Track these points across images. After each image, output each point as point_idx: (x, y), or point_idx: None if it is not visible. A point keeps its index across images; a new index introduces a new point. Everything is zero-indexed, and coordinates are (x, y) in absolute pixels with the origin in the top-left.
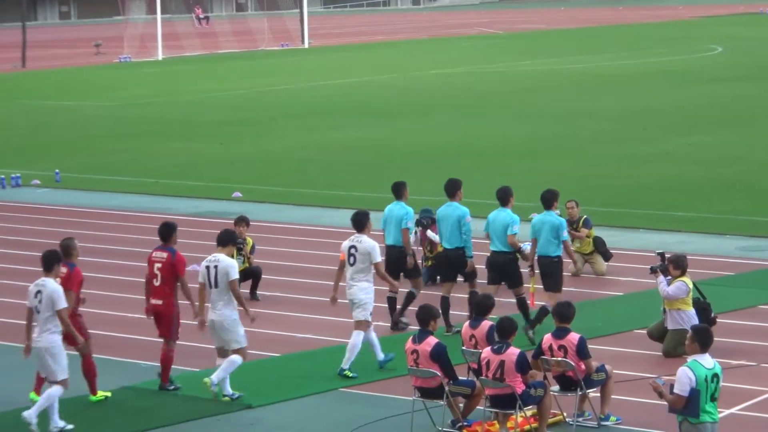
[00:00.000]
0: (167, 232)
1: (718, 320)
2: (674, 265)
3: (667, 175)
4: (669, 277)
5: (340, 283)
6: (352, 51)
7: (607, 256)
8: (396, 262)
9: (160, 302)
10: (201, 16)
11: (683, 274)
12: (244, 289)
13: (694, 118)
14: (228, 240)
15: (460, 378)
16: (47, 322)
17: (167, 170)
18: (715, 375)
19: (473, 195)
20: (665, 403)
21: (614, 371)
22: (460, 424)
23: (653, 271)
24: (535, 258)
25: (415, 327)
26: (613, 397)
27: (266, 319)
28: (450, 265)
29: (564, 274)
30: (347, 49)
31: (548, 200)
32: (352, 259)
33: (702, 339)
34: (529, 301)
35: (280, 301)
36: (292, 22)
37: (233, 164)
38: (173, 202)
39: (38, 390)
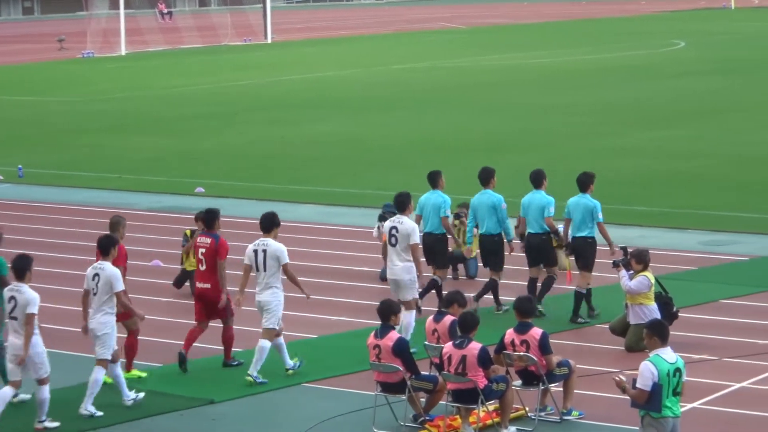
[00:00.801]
0: (211, 218)
1: (680, 315)
2: (636, 259)
3: (629, 170)
4: (631, 272)
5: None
6: (315, 46)
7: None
8: (431, 249)
9: (207, 286)
10: (164, 11)
11: (645, 268)
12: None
13: (656, 113)
14: (272, 224)
15: (422, 373)
16: (103, 304)
17: (130, 165)
18: (678, 369)
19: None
20: (628, 397)
21: (577, 366)
22: (422, 418)
23: (615, 265)
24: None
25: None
26: (575, 391)
27: (243, 315)
28: (489, 252)
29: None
30: (310, 44)
31: (584, 183)
32: (393, 239)
33: (659, 332)
34: (566, 280)
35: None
36: (255, 18)
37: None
38: (136, 198)
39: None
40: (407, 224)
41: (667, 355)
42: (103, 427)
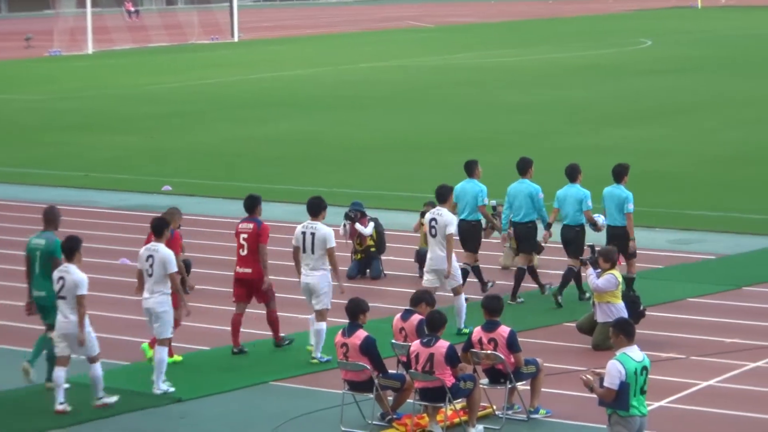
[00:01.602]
0: (252, 204)
1: (647, 313)
2: (604, 258)
3: (597, 169)
4: (599, 270)
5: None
6: (283, 44)
7: (538, 249)
8: (466, 235)
9: (249, 270)
10: (131, 9)
11: (613, 266)
12: None
13: (624, 112)
14: (319, 208)
15: (389, 371)
16: (157, 284)
17: (97, 163)
18: (645, 368)
19: (406, 188)
20: (595, 396)
21: (544, 364)
22: (389, 417)
23: (583, 263)
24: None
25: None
26: (542, 390)
27: (196, 312)
28: (523, 239)
29: (494, 267)
30: (277, 42)
31: (619, 174)
32: (433, 230)
33: (626, 330)
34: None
35: (210, 294)
36: (222, 16)
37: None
38: (102, 196)
39: (153, 344)
40: (446, 216)
41: (634, 353)
42: (71, 425)
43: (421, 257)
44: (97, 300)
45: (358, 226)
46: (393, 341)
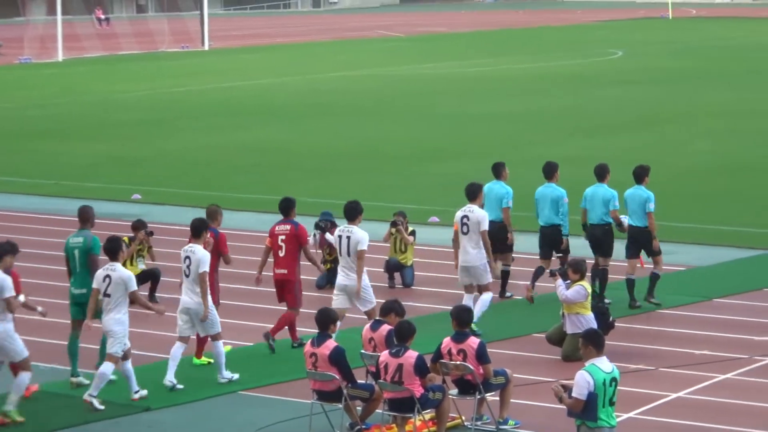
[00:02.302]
0: (288, 206)
1: (616, 324)
2: (573, 269)
3: (568, 179)
4: (568, 281)
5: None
6: (253, 53)
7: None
8: (492, 237)
9: (284, 271)
10: (101, 17)
11: (582, 278)
12: (143, 291)
13: (594, 122)
14: (356, 212)
15: (358, 381)
16: (195, 285)
17: (67, 172)
18: (614, 379)
19: (376, 197)
20: (564, 407)
21: (513, 375)
22: (358, 427)
23: (553, 274)
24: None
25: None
26: (512, 400)
27: (164, 321)
28: (547, 242)
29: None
30: (248, 51)
31: (639, 175)
32: (465, 228)
33: (595, 341)
34: (639, 264)
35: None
36: (192, 24)
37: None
38: (72, 204)
39: (199, 353)
40: (477, 212)
41: (603, 364)
42: None
43: (390, 267)
44: (63, 308)
45: (328, 236)
46: (362, 351)
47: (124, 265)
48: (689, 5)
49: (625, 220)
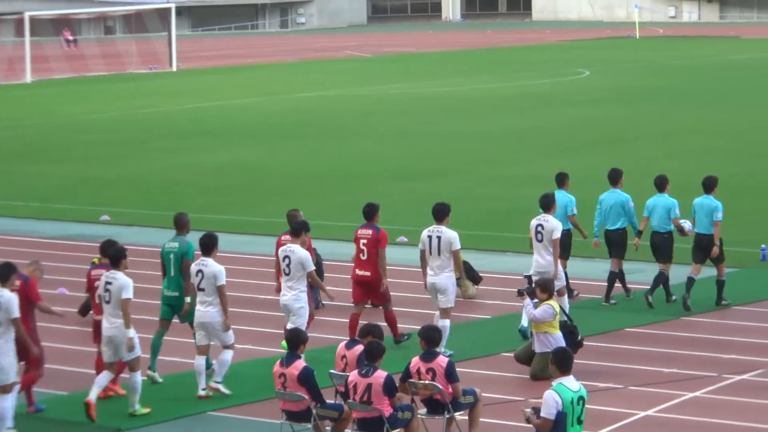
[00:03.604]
0: (371, 211)
1: (585, 343)
2: (541, 288)
3: (534, 197)
4: (536, 301)
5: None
6: (221, 74)
7: (476, 279)
8: (561, 245)
9: (368, 273)
10: (69, 39)
11: (550, 297)
12: None
13: (562, 141)
14: (444, 213)
15: (327, 401)
16: (296, 283)
17: (36, 193)
18: (581, 398)
19: (344, 218)
20: (532, 426)
21: (482, 394)
22: None
23: (520, 294)
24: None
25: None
26: (480, 420)
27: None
28: (615, 244)
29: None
30: (216, 71)
31: (708, 186)
32: (539, 236)
33: (559, 362)
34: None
35: (149, 324)
36: (160, 45)
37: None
38: (41, 226)
39: None
40: (552, 222)
41: (571, 383)
42: None
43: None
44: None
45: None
46: (331, 371)
47: None
48: (656, 24)
49: (685, 224)
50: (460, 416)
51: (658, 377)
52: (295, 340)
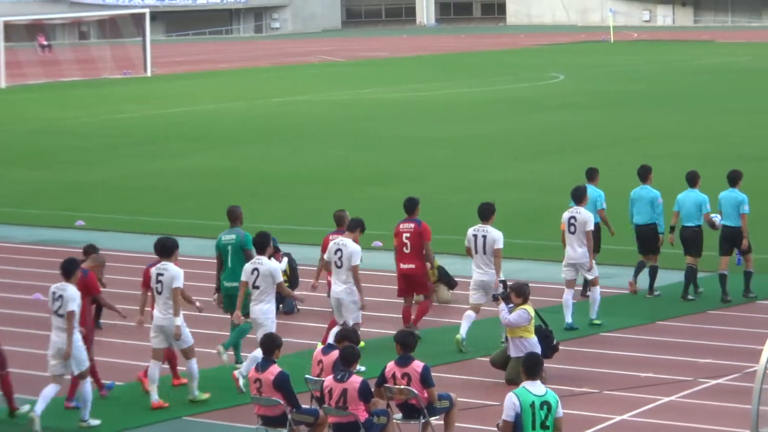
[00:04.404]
0: (412, 205)
1: (560, 347)
2: (516, 293)
3: (512, 203)
4: (511, 305)
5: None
6: (196, 79)
7: (451, 284)
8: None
9: (412, 266)
10: (44, 44)
11: (525, 302)
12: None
13: (537, 146)
14: (490, 212)
15: (303, 406)
16: (347, 275)
17: (10, 198)
18: (545, 403)
19: (318, 222)
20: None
21: (458, 399)
22: None
23: (495, 298)
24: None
25: None
26: (456, 424)
27: (109, 347)
28: (645, 239)
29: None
30: (191, 77)
31: (733, 179)
32: (572, 228)
33: (527, 366)
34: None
35: (123, 330)
36: (134, 50)
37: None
38: (15, 231)
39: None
40: (584, 214)
41: (535, 387)
42: None
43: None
44: (10, 335)
45: (273, 261)
46: (306, 376)
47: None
48: (630, 29)
49: (716, 218)
50: (436, 421)
51: (633, 382)
52: (270, 345)
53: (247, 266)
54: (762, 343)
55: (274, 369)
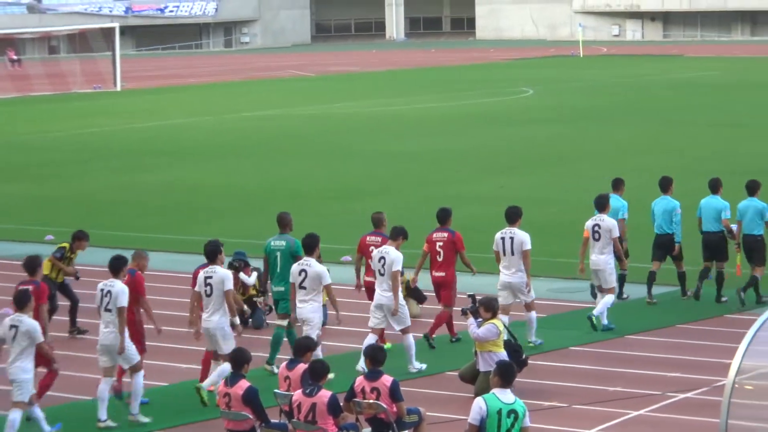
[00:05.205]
0: (445, 215)
1: (529, 362)
2: (485, 307)
3: (481, 217)
4: (480, 320)
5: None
6: (165, 93)
7: (420, 299)
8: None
9: (443, 274)
10: (14, 58)
11: (494, 316)
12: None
13: (506, 160)
14: (517, 216)
15: (272, 421)
16: (387, 281)
17: None
18: (513, 411)
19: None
20: None
21: (427, 413)
22: None
23: (464, 313)
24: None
25: None
26: None
27: (74, 361)
28: (661, 247)
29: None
30: (160, 91)
31: (752, 188)
32: (596, 235)
33: (502, 373)
34: (735, 272)
35: (91, 344)
36: (104, 65)
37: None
38: None
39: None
40: (608, 221)
41: (504, 396)
42: None
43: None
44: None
45: (241, 275)
46: (276, 390)
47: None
48: (599, 43)
49: (733, 226)
50: None
51: (602, 396)
52: (240, 359)
53: (295, 267)
54: (731, 357)
55: (243, 383)
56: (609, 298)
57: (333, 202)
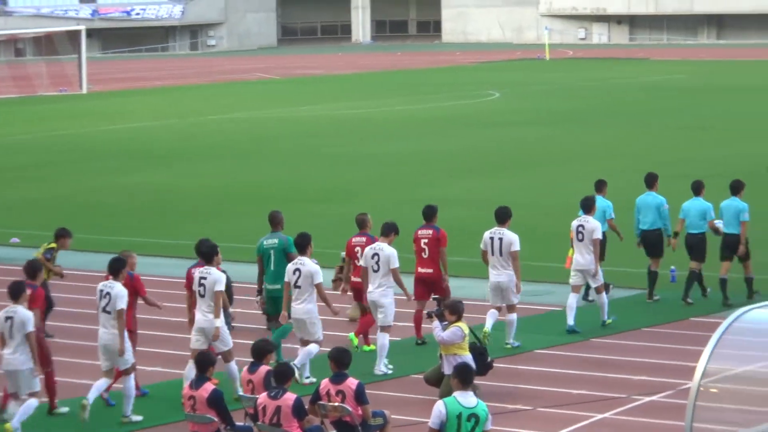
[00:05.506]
0: (431, 213)
1: (495, 365)
2: (450, 310)
3: (448, 220)
4: (445, 323)
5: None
6: (131, 96)
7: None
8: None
9: (430, 270)
10: None
11: (459, 319)
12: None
13: (472, 164)
14: (507, 216)
15: (237, 423)
16: (382, 278)
17: None
18: (473, 415)
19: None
20: None
21: (392, 416)
22: None
23: (429, 316)
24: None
25: None
26: None
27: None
28: (651, 244)
29: (342, 319)
30: (126, 94)
31: (736, 188)
32: (580, 235)
33: (461, 375)
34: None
35: (67, 348)
36: (70, 67)
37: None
38: None
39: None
40: (592, 223)
41: (465, 399)
42: None
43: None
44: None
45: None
46: (240, 393)
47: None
48: (565, 46)
49: (719, 224)
50: None
51: (567, 398)
52: (204, 362)
53: (290, 266)
54: (695, 360)
55: (208, 386)
56: (603, 297)
57: (300, 205)
